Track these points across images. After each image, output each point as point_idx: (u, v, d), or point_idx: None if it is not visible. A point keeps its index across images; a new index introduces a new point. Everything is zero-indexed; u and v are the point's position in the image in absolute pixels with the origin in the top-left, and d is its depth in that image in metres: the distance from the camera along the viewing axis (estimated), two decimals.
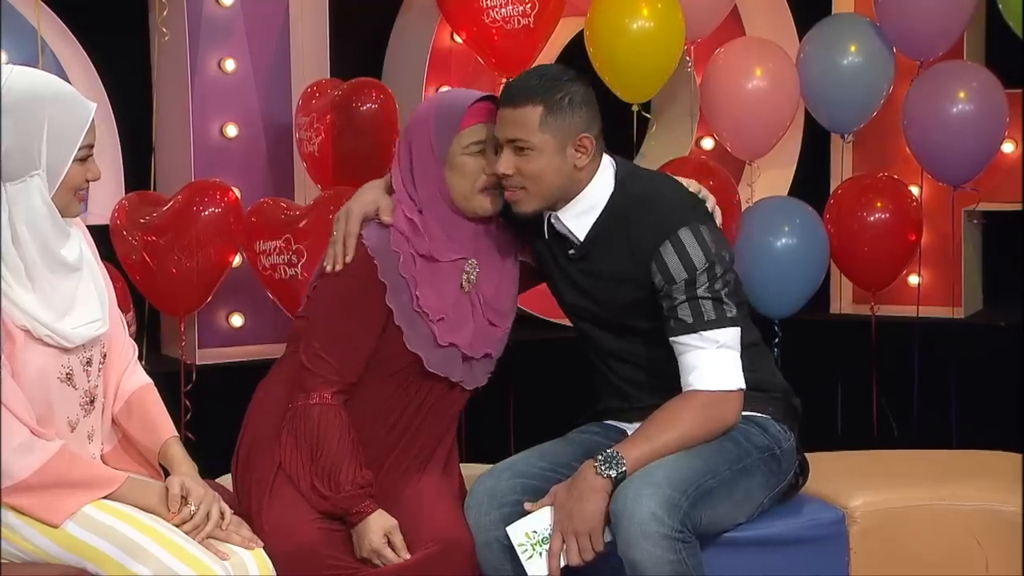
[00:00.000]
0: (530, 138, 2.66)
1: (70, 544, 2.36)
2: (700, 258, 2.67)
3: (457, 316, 2.73)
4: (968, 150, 4.35)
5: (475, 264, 2.76)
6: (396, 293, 2.69)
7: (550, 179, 2.70)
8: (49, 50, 3.85)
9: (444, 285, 2.72)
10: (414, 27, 4.39)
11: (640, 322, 2.75)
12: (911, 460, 3.32)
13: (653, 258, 2.67)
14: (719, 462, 2.66)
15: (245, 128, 4.08)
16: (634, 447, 2.63)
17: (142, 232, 3.67)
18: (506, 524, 2.65)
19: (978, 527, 2.95)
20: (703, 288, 2.66)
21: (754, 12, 4.79)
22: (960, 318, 4.67)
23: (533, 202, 2.71)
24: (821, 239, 4.42)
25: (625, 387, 2.84)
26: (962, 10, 4.40)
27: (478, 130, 2.70)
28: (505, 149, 2.69)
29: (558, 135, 2.67)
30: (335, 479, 2.65)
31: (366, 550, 2.63)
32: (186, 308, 3.82)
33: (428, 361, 2.72)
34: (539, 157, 2.68)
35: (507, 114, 2.68)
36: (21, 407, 2.33)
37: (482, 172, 2.70)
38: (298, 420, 2.69)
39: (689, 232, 2.68)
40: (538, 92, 2.67)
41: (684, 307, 2.66)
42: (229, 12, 4.05)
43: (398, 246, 2.70)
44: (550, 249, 2.83)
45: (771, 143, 4.57)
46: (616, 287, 2.74)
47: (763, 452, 2.75)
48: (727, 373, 2.66)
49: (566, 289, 2.82)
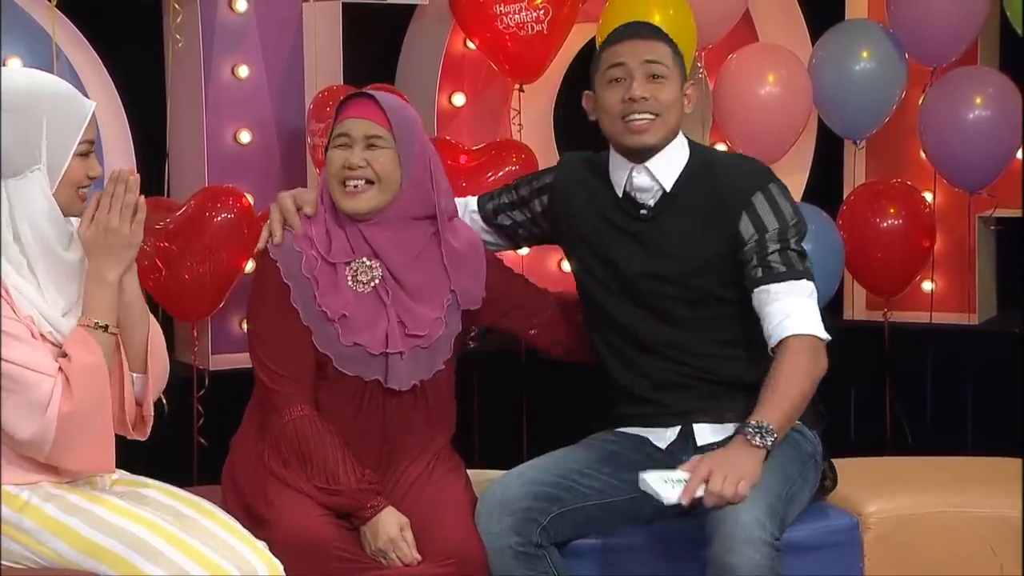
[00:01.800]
0: (667, 64, 2.79)
1: (83, 546, 2.37)
2: (790, 212, 2.76)
3: (363, 315, 2.72)
4: (984, 156, 4.34)
5: (368, 263, 2.74)
6: (300, 293, 2.71)
7: (675, 113, 2.81)
8: (64, 56, 3.86)
9: (339, 282, 2.73)
10: (427, 33, 4.39)
11: (711, 285, 2.76)
12: (925, 467, 3.32)
13: (745, 207, 2.74)
14: (793, 470, 2.69)
15: (259, 134, 4.09)
16: (773, 411, 2.60)
17: (155, 238, 3.67)
18: (516, 532, 2.64)
19: (992, 534, 2.95)
20: (794, 241, 2.74)
21: (766, 18, 4.78)
22: (974, 324, 4.65)
23: (659, 132, 2.79)
24: (834, 245, 4.41)
25: (650, 392, 2.81)
26: (975, 16, 4.39)
27: (346, 124, 2.73)
28: (638, 75, 2.78)
29: (680, 74, 2.82)
30: (336, 480, 2.65)
31: (382, 541, 2.63)
32: (199, 314, 3.82)
33: (337, 360, 2.72)
34: (672, 87, 2.80)
35: (638, 45, 2.80)
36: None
37: (341, 165, 2.71)
38: (279, 442, 2.69)
39: (778, 188, 2.79)
40: (665, 36, 2.84)
41: (775, 256, 2.71)
42: (243, 18, 4.05)
43: (300, 246, 2.72)
44: (608, 219, 2.83)
45: (784, 149, 4.56)
46: (698, 240, 2.77)
47: (809, 460, 2.78)
48: (819, 323, 2.69)
49: (632, 255, 2.81)
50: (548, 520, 2.70)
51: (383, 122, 2.72)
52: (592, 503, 2.78)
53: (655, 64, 2.78)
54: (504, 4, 4.09)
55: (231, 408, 2.93)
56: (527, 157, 4.12)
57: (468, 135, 4.34)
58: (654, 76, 2.78)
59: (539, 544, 2.68)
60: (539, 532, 2.68)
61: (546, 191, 2.94)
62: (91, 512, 2.40)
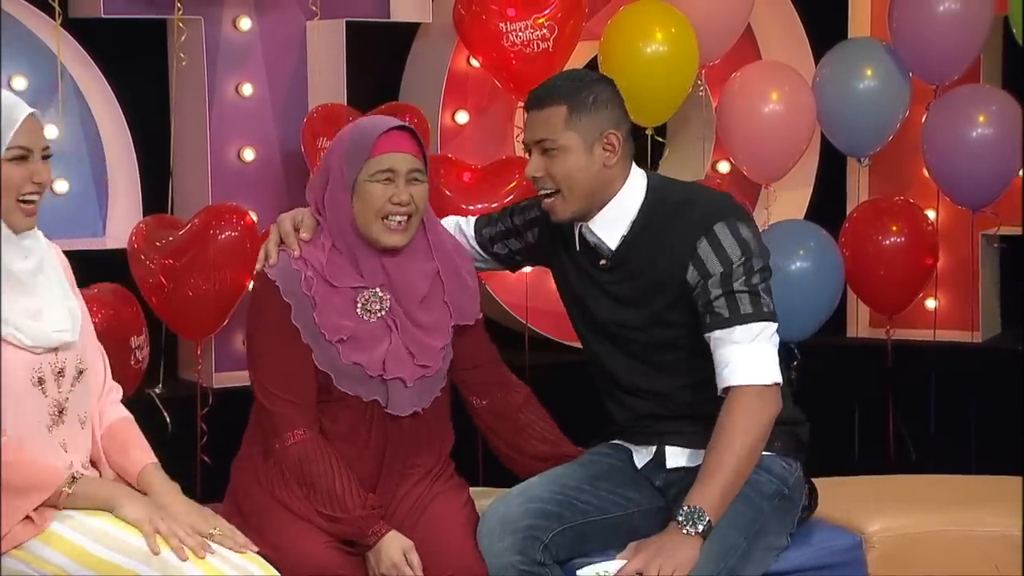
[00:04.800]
0: (556, 137, 2.68)
1: (87, 560, 2.38)
2: (736, 252, 2.65)
3: (365, 337, 2.72)
4: (987, 174, 4.34)
5: (380, 294, 2.73)
6: (300, 312, 2.70)
7: (580, 180, 2.69)
8: (68, 75, 3.87)
9: (345, 307, 2.72)
10: (431, 51, 4.40)
11: (678, 332, 2.71)
12: (929, 485, 3.31)
13: (690, 257, 2.65)
14: (735, 536, 2.62)
15: (262, 152, 4.09)
16: (705, 491, 2.57)
17: (159, 255, 3.67)
18: (518, 551, 2.63)
19: (997, 553, 2.94)
20: (739, 282, 2.64)
21: (769, 35, 4.79)
22: (978, 342, 4.65)
23: (568, 207, 2.71)
24: (837, 262, 4.41)
25: (636, 422, 2.81)
26: (978, 34, 4.40)
27: (387, 159, 2.71)
28: (534, 152, 2.71)
29: (584, 133, 2.68)
30: (341, 505, 2.64)
31: (385, 566, 2.63)
32: (203, 331, 3.82)
33: (336, 379, 2.71)
34: (566, 157, 2.68)
35: (533, 117, 2.71)
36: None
37: (387, 201, 2.69)
38: (282, 467, 2.69)
39: (725, 227, 2.67)
40: (562, 92, 2.70)
41: (720, 301, 2.63)
42: (246, 37, 4.06)
43: (298, 265, 2.72)
44: (578, 265, 2.80)
45: (787, 167, 4.56)
46: (655, 291, 2.71)
47: (774, 499, 2.72)
48: (762, 367, 2.61)
49: (599, 303, 2.78)
50: (550, 538, 2.69)
51: (420, 156, 2.74)
52: (592, 519, 2.77)
53: (544, 141, 2.70)
54: (509, 22, 4.10)
55: (235, 426, 2.93)
56: None
57: (472, 153, 4.34)
58: (545, 151, 2.70)
59: (541, 562, 2.68)
60: (541, 550, 2.68)
61: (535, 224, 2.93)
62: (93, 527, 2.41)
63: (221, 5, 4.00)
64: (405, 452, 2.78)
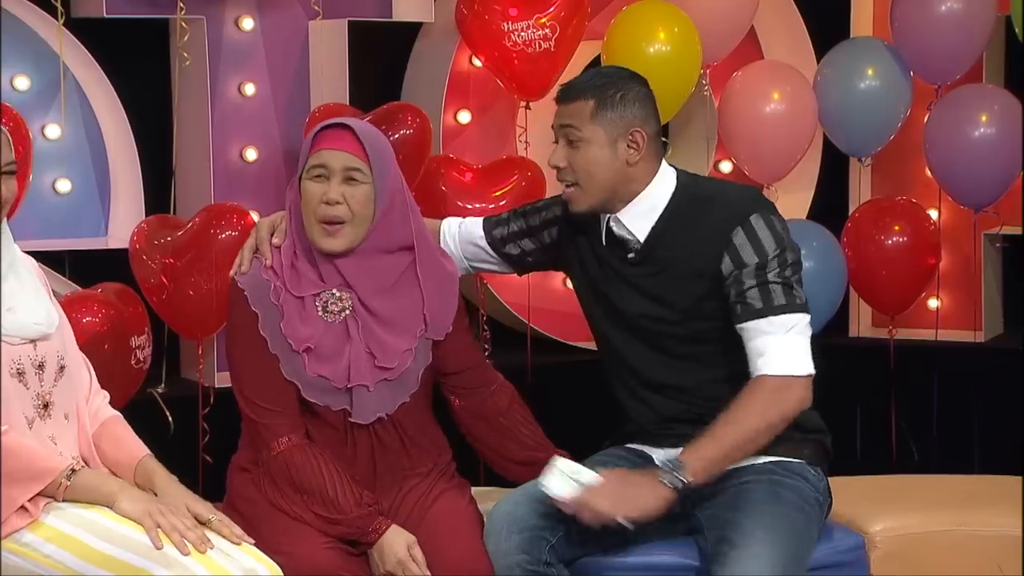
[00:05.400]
0: (581, 127, 2.69)
1: (89, 555, 2.38)
2: (771, 244, 2.67)
3: (329, 347, 2.67)
4: (989, 173, 4.34)
5: (337, 294, 2.68)
6: (267, 322, 2.66)
7: (600, 174, 2.70)
8: (71, 75, 3.87)
9: (308, 313, 2.68)
10: (433, 50, 4.40)
11: (709, 324, 2.71)
12: (932, 485, 3.31)
13: (725, 247, 2.67)
14: (801, 551, 2.63)
15: (264, 152, 4.09)
16: (699, 451, 2.58)
17: (160, 255, 3.68)
18: (525, 551, 2.63)
19: (1000, 553, 2.94)
20: (773, 273, 2.65)
21: (771, 35, 4.79)
22: (980, 342, 4.65)
23: (586, 199, 2.72)
24: (839, 262, 4.41)
25: (657, 428, 2.80)
26: (980, 34, 4.39)
27: (322, 155, 2.63)
28: (559, 141, 2.71)
29: (609, 128, 2.69)
30: (336, 507, 2.63)
31: (390, 563, 2.61)
32: (204, 331, 3.82)
33: (304, 390, 2.68)
34: (589, 149, 2.69)
35: (562, 109, 2.73)
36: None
37: (320, 200, 2.62)
38: (272, 475, 2.67)
39: (760, 219, 2.69)
40: (590, 88, 2.72)
41: (753, 292, 2.64)
42: (249, 36, 4.06)
43: (268, 275, 2.68)
44: (603, 260, 2.79)
45: (789, 166, 4.56)
46: (687, 283, 2.71)
47: (815, 506, 2.73)
48: (795, 358, 2.62)
49: (625, 297, 2.77)
50: (557, 538, 2.68)
51: (361, 155, 2.63)
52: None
53: (569, 129, 2.70)
54: (511, 22, 4.10)
55: (236, 426, 2.92)
56: (534, 174, 4.12)
57: (474, 153, 4.35)
58: (569, 141, 2.71)
59: (548, 562, 2.67)
60: (548, 551, 2.67)
61: (555, 223, 2.91)
62: (94, 522, 2.41)
63: (223, 5, 4.00)
64: (396, 456, 2.76)
